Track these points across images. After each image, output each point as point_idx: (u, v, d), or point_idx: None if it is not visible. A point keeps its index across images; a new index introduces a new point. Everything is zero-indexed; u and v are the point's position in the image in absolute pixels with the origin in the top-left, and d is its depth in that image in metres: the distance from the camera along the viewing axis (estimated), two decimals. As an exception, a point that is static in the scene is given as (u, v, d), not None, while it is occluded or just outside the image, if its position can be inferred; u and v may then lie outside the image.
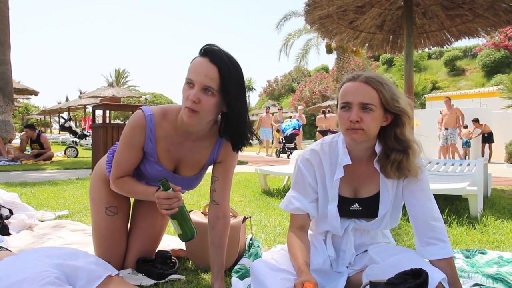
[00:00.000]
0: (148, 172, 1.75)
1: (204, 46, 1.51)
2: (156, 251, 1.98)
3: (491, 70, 27.87)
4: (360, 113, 1.42)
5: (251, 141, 1.70)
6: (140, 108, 1.68)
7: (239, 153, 1.74)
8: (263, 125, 13.69)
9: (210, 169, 1.86)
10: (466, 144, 12.28)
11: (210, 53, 1.47)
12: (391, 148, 1.48)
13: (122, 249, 1.93)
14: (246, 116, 1.58)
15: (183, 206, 1.54)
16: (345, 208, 1.58)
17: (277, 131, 13.37)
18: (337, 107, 1.54)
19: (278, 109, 15.01)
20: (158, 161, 1.72)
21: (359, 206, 1.58)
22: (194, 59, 1.52)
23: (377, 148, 1.52)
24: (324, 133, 12.15)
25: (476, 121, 12.35)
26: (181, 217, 1.54)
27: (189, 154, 1.74)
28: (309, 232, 1.70)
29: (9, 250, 1.58)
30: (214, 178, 1.78)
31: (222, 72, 1.46)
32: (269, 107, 15.44)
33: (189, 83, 1.48)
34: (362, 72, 1.48)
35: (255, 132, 1.66)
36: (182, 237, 1.57)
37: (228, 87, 1.48)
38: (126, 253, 1.95)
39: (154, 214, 1.97)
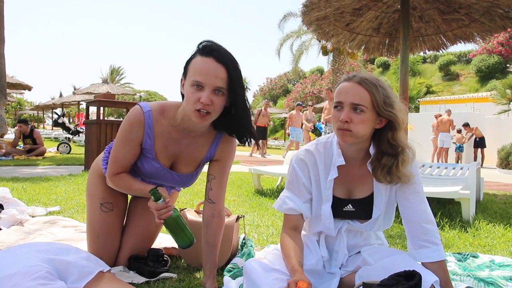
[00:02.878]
0: (145, 169, 1.74)
1: (203, 44, 1.49)
2: (148, 249, 1.97)
3: (485, 75, 28.07)
4: (350, 113, 1.42)
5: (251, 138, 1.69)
6: (138, 104, 1.66)
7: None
8: (293, 124, 11.96)
9: (205, 168, 1.85)
10: (459, 149, 12.38)
11: (215, 52, 1.45)
12: (384, 151, 1.48)
13: (116, 246, 1.92)
14: (249, 108, 1.58)
15: (177, 215, 1.54)
16: (338, 209, 1.58)
17: (313, 131, 11.27)
18: None
19: (310, 106, 12.70)
20: (156, 158, 1.71)
21: (352, 207, 1.57)
22: (193, 58, 1.49)
23: (372, 150, 1.52)
24: None
25: (466, 125, 12.47)
26: (174, 226, 1.53)
27: (186, 151, 1.73)
28: (303, 232, 1.69)
29: None
30: (211, 177, 1.77)
31: (230, 71, 1.46)
32: (300, 103, 12.76)
33: (198, 85, 1.45)
34: (359, 73, 1.48)
35: (254, 127, 1.66)
36: (178, 244, 1.57)
37: (235, 85, 1.48)
38: (119, 250, 1.93)
39: (151, 212, 1.94)
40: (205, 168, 1.84)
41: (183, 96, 1.57)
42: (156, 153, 1.70)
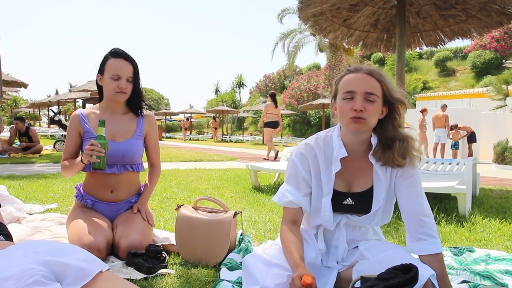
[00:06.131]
0: None
1: (113, 50, 2.10)
2: (147, 245, 1.97)
3: (481, 71, 28.14)
4: (363, 103, 1.44)
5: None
6: None
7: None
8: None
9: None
10: (455, 147, 12.41)
11: (124, 54, 2.09)
12: (392, 138, 1.51)
13: (107, 236, 1.98)
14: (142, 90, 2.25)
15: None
16: (338, 202, 1.58)
17: None
18: (333, 99, 1.56)
19: None
20: (94, 133, 2.12)
21: (352, 201, 1.58)
22: (107, 60, 2.08)
23: (373, 141, 1.53)
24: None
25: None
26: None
27: (119, 125, 2.18)
28: (301, 226, 1.70)
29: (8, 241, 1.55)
30: (149, 150, 2.31)
31: (135, 66, 2.12)
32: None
33: (116, 76, 2.05)
34: (362, 66, 1.52)
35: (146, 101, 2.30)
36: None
37: (137, 75, 2.15)
38: (118, 246, 1.98)
39: (134, 217, 2.16)
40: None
41: (99, 88, 2.17)
42: (94, 129, 2.12)
